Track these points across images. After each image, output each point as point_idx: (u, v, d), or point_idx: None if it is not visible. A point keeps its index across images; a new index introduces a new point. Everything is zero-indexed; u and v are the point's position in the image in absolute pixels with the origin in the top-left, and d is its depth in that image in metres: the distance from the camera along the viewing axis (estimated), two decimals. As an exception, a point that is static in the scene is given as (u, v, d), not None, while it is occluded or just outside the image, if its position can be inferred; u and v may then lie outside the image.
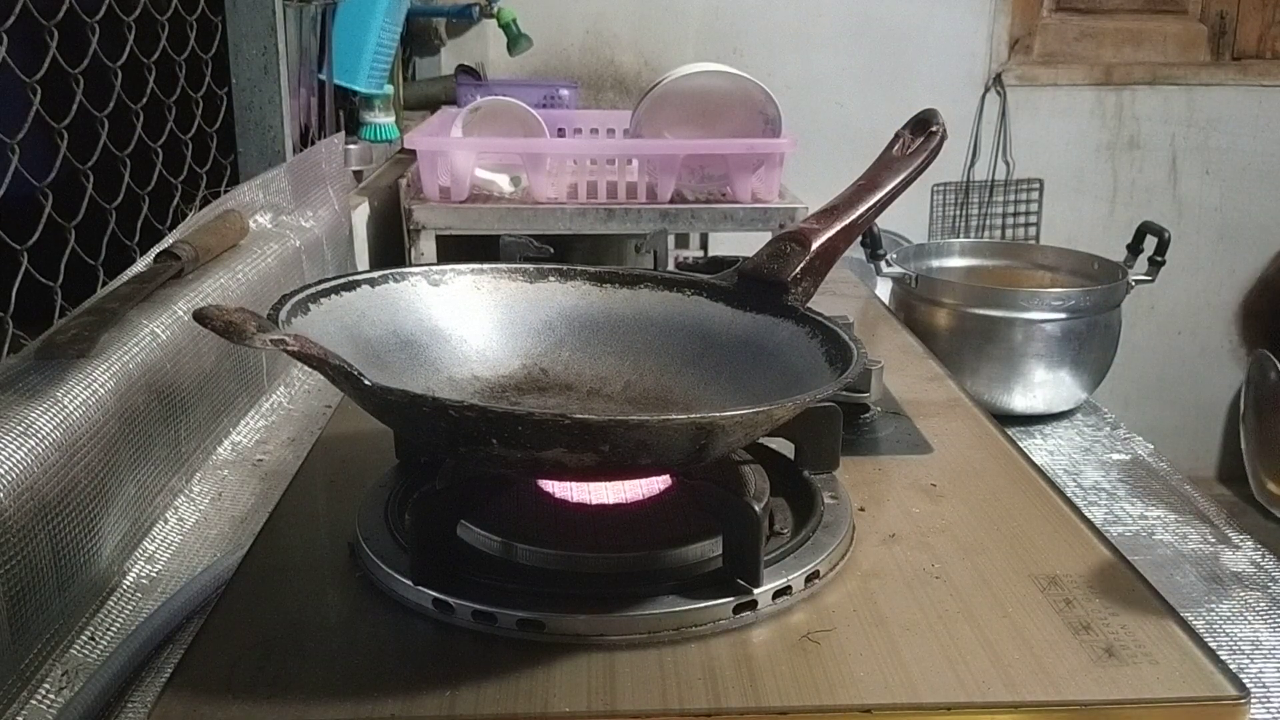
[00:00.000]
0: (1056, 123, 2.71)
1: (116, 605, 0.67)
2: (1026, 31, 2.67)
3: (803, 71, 2.61)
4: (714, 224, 1.51)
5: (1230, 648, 0.67)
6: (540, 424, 0.44)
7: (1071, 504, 0.61)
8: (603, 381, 0.64)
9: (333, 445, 0.69)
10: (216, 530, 0.78)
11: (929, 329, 1.09)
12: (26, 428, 0.61)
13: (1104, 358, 1.10)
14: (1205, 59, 2.73)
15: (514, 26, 2.24)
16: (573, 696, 0.44)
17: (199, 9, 1.13)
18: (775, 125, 1.49)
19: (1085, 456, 0.99)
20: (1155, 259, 1.13)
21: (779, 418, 0.50)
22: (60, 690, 0.59)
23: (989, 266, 1.25)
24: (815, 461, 0.61)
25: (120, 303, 0.77)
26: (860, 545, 0.56)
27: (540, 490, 0.56)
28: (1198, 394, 2.88)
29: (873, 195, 0.65)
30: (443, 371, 0.61)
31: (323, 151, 1.29)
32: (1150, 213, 2.67)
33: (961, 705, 0.43)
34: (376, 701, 0.43)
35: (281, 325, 0.50)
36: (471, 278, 0.65)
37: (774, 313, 0.62)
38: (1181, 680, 0.45)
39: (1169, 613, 0.50)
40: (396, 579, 0.50)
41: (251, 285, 0.96)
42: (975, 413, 0.75)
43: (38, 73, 0.79)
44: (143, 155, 1.01)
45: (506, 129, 1.50)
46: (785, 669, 0.45)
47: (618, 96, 2.59)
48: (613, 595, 0.49)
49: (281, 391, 1.04)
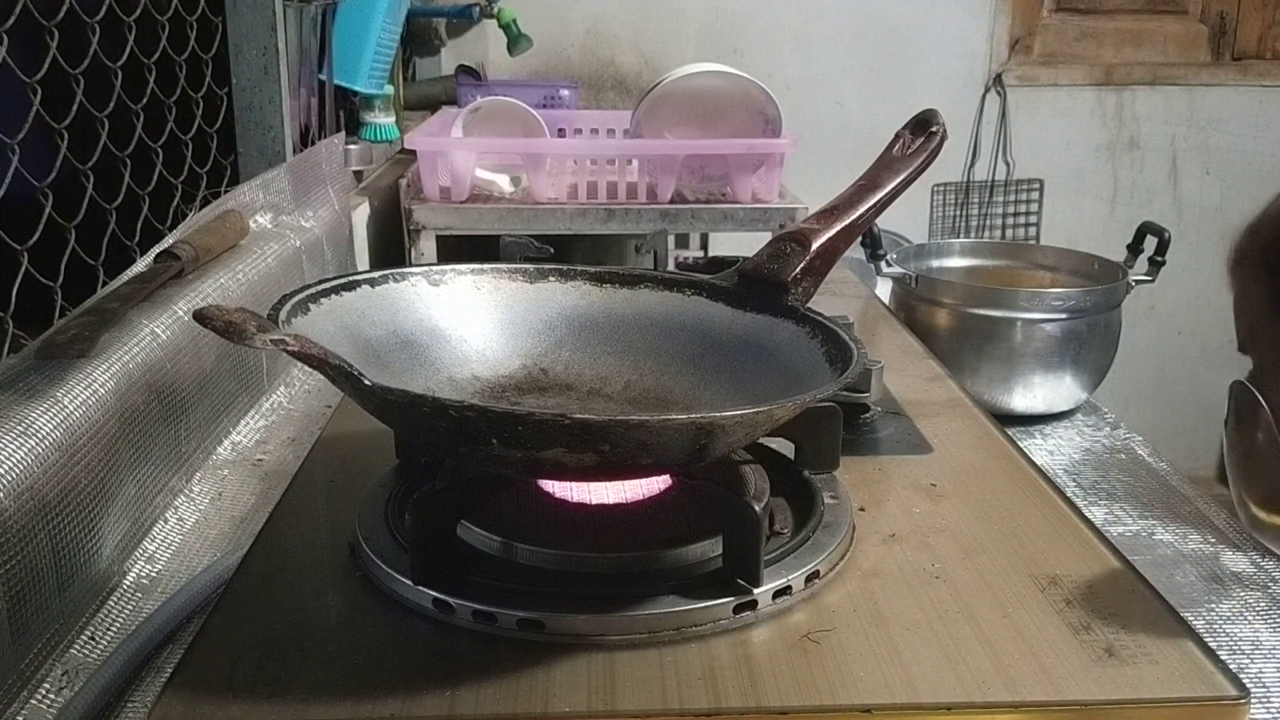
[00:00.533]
0: (1057, 123, 2.71)
1: (116, 605, 0.67)
2: (1027, 31, 2.67)
3: (803, 71, 2.61)
4: (714, 224, 1.51)
5: (1230, 648, 0.67)
6: (540, 424, 0.44)
7: (1071, 504, 0.61)
8: (603, 381, 0.64)
9: (333, 445, 0.69)
10: (216, 530, 0.78)
11: (929, 329, 1.09)
12: (26, 428, 0.61)
13: (1104, 358, 1.10)
14: (1205, 59, 2.73)
15: (514, 26, 2.24)
16: (573, 696, 0.44)
17: (199, 9, 1.13)
18: (775, 125, 1.49)
19: (1085, 456, 0.99)
20: (1155, 259, 1.13)
21: (779, 418, 0.51)
22: (60, 690, 0.59)
23: (989, 266, 1.24)
24: (815, 461, 0.61)
25: (120, 303, 0.77)
26: (860, 545, 0.56)
27: (540, 490, 0.56)
28: (1198, 394, 2.88)
29: (873, 195, 0.65)
30: (443, 371, 0.61)
31: (323, 151, 1.29)
32: (1150, 213, 2.67)
33: (961, 705, 0.43)
34: (376, 701, 0.43)
35: (281, 325, 0.50)
36: (471, 278, 0.65)
37: (774, 313, 0.62)
38: (1181, 680, 0.45)
39: (1169, 613, 0.50)
40: (396, 579, 0.50)
41: (251, 285, 0.96)
42: (975, 413, 0.75)
43: (38, 73, 0.79)
44: (143, 155, 1.01)
45: (506, 129, 1.50)
46: (785, 669, 0.45)
47: (618, 96, 2.59)
48: (613, 595, 0.49)
49: (281, 391, 1.04)
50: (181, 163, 1.10)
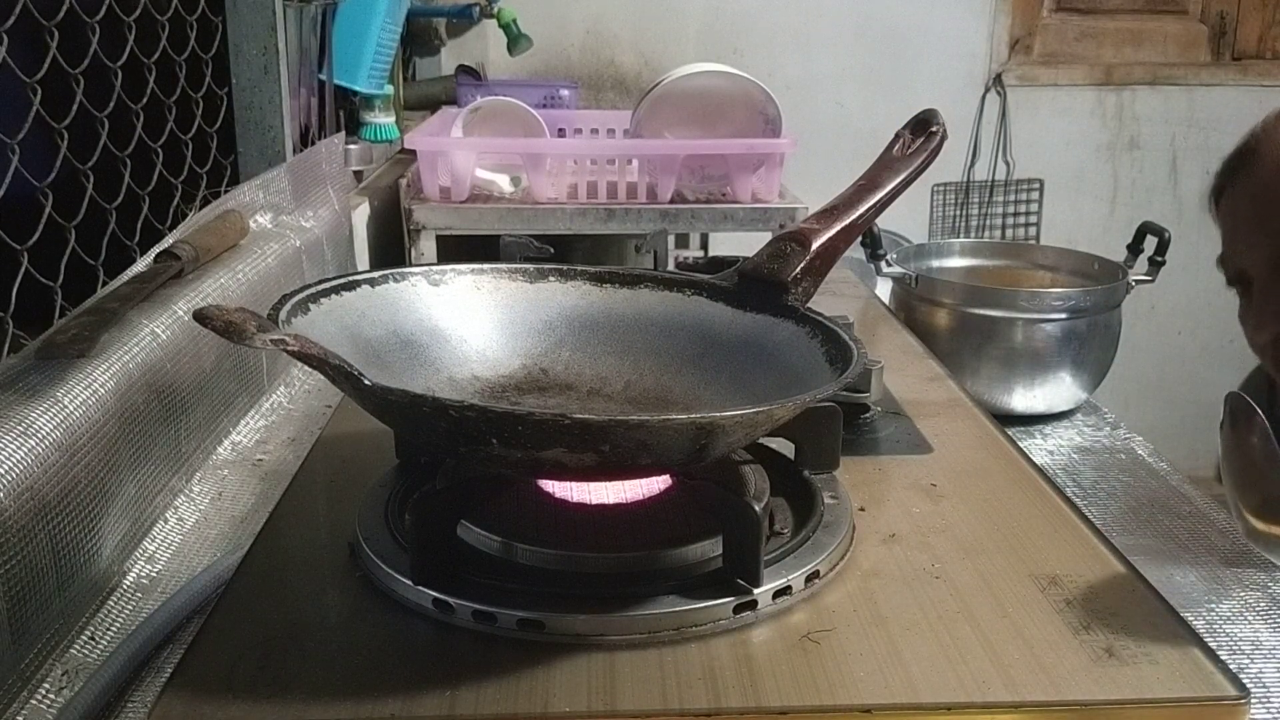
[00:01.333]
0: (1056, 123, 2.71)
1: (116, 605, 0.67)
2: (1027, 31, 2.67)
3: (803, 71, 2.61)
4: (714, 224, 1.51)
5: (1230, 648, 0.67)
6: (540, 424, 0.44)
7: (1071, 504, 0.61)
8: (603, 381, 0.64)
9: (333, 445, 0.69)
10: (216, 530, 0.78)
11: (929, 329, 1.09)
12: (26, 428, 0.61)
13: (1104, 358, 1.10)
14: (1205, 59, 2.73)
15: (514, 26, 2.24)
16: (573, 696, 0.44)
17: (199, 9, 1.13)
18: (775, 125, 1.49)
19: (1085, 456, 0.99)
20: (1155, 259, 1.13)
21: (779, 418, 0.50)
22: (60, 690, 0.59)
23: (989, 266, 1.24)
24: (815, 461, 0.61)
25: (120, 303, 0.77)
26: (860, 545, 0.56)
27: (540, 490, 0.56)
28: (1198, 394, 2.88)
29: (873, 195, 0.65)
30: (443, 371, 0.61)
31: (323, 151, 1.29)
32: (1150, 213, 2.66)
33: (961, 705, 0.43)
34: (376, 701, 0.43)
35: (281, 325, 0.50)
36: (472, 278, 0.65)
37: (774, 313, 0.62)
38: (1181, 680, 0.45)
39: (1169, 613, 0.50)
40: (396, 579, 0.50)
41: (251, 285, 0.96)
42: (975, 413, 0.75)
43: (38, 73, 0.79)
44: (143, 155, 1.01)
45: (506, 129, 1.50)
46: (785, 669, 0.45)
47: (618, 96, 2.59)
48: (613, 595, 0.49)
49: (281, 391, 1.04)
50: (181, 163, 1.10)
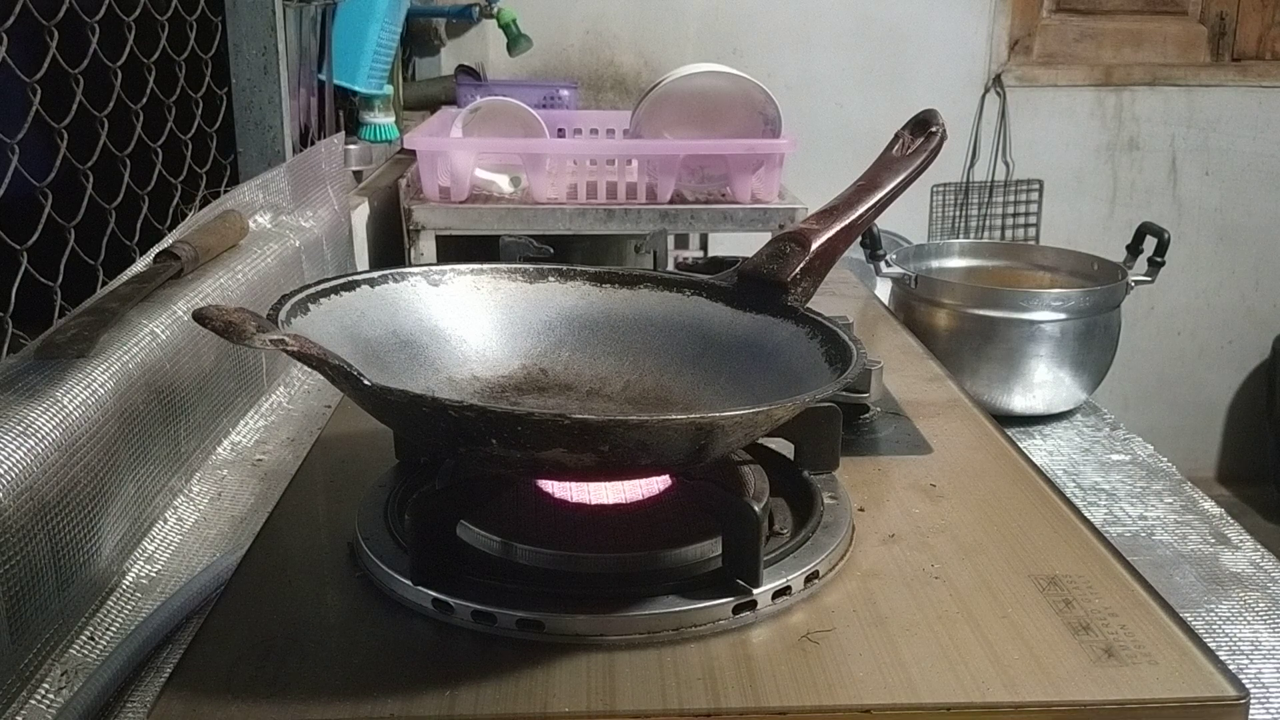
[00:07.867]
0: (1056, 123, 2.71)
1: (116, 605, 0.67)
2: (1026, 32, 2.67)
3: (803, 71, 2.61)
4: (714, 224, 1.51)
5: (1230, 648, 0.67)
6: (540, 424, 0.44)
7: (1071, 504, 0.61)
8: (603, 381, 0.64)
9: (333, 445, 0.69)
10: (216, 530, 0.78)
11: (929, 329, 1.09)
12: (26, 428, 0.61)
13: (1104, 358, 1.10)
14: (1205, 60, 2.73)
15: (514, 27, 2.24)
16: (572, 696, 0.44)
17: (199, 9, 1.13)
18: (775, 126, 1.49)
19: (1085, 457, 0.99)
20: (1155, 259, 1.13)
21: (779, 418, 0.50)
22: (60, 690, 0.59)
23: (989, 267, 1.25)
24: (815, 461, 0.61)
25: (120, 303, 0.77)
26: (860, 545, 0.56)
27: (540, 490, 0.56)
28: (1198, 394, 2.88)
29: (872, 195, 0.65)
30: (442, 371, 0.61)
31: (323, 151, 1.28)
32: (1150, 213, 2.67)
33: (961, 705, 0.43)
34: (376, 701, 0.43)
35: (281, 325, 0.50)
36: (471, 278, 0.65)
37: (774, 313, 0.62)
38: (1181, 681, 0.45)
39: (1169, 613, 0.50)
40: (396, 579, 0.50)
41: (251, 285, 0.96)
42: (975, 413, 0.75)
43: (38, 73, 0.79)
44: (142, 155, 1.01)
45: (506, 129, 1.50)
46: (785, 669, 0.45)
47: (618, 97, 2.59)
48: (612, 595, 0.49)
49: (281, 391, 1.04)
50: (181, 163, 1.10)
